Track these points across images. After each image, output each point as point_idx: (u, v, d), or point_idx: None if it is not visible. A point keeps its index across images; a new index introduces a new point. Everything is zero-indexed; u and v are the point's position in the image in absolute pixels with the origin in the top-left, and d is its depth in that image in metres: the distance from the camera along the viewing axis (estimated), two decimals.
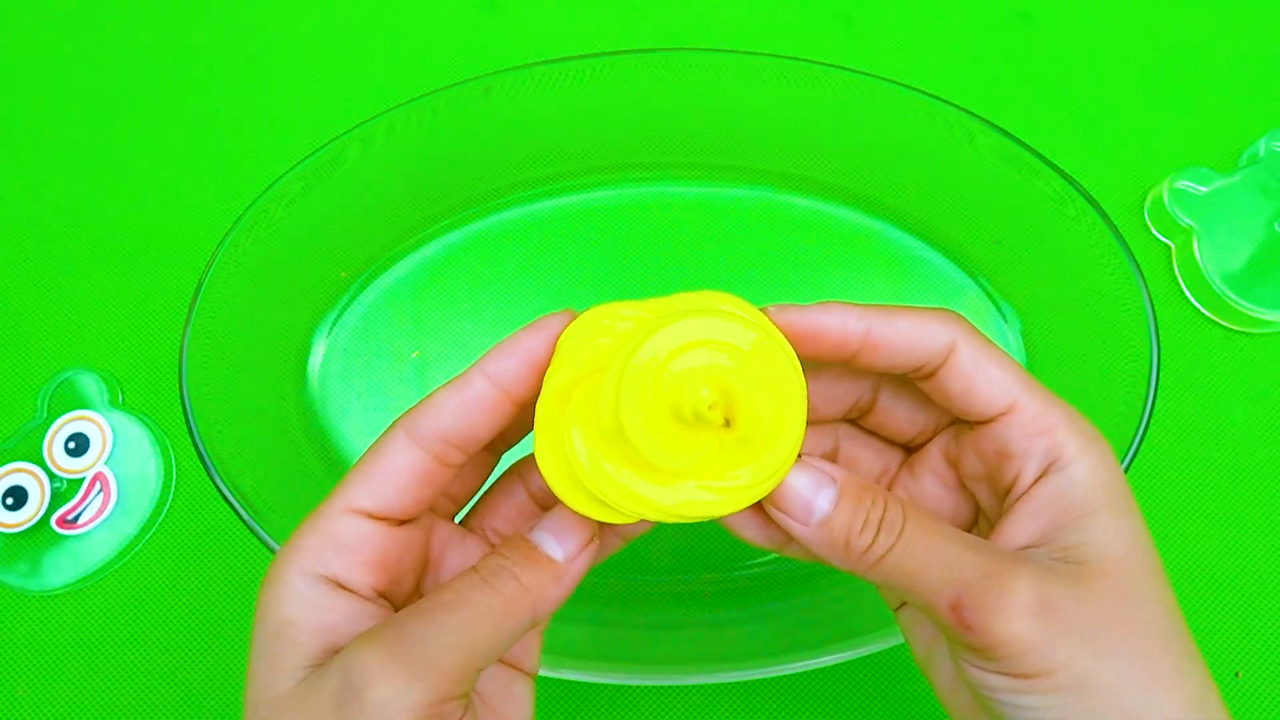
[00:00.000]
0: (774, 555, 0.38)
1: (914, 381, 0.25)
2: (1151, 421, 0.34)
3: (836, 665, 0.32)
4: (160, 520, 0.40)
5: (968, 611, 0.21)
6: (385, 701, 0.20)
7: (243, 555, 0.39)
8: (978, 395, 0.24)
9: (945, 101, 0.39)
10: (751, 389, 0.21)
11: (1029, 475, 0.24)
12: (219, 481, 0.33)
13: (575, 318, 0.23)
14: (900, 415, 0.27)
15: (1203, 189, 0.44)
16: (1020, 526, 0.24)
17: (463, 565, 0.25)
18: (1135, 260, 0.36)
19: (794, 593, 0.37)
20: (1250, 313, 0.42)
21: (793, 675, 0.36)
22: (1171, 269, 0.44)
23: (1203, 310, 0.43)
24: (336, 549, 0.22)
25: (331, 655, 0.21)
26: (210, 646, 0.38)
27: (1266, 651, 0.38)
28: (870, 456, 0.28)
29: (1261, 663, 0.37)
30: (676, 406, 0.21)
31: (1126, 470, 0.34)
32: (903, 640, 0.31)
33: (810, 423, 0.26)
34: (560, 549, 0.23)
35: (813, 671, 0.37)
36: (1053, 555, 0.23)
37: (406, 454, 0.23)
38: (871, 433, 0.28)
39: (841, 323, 0.24)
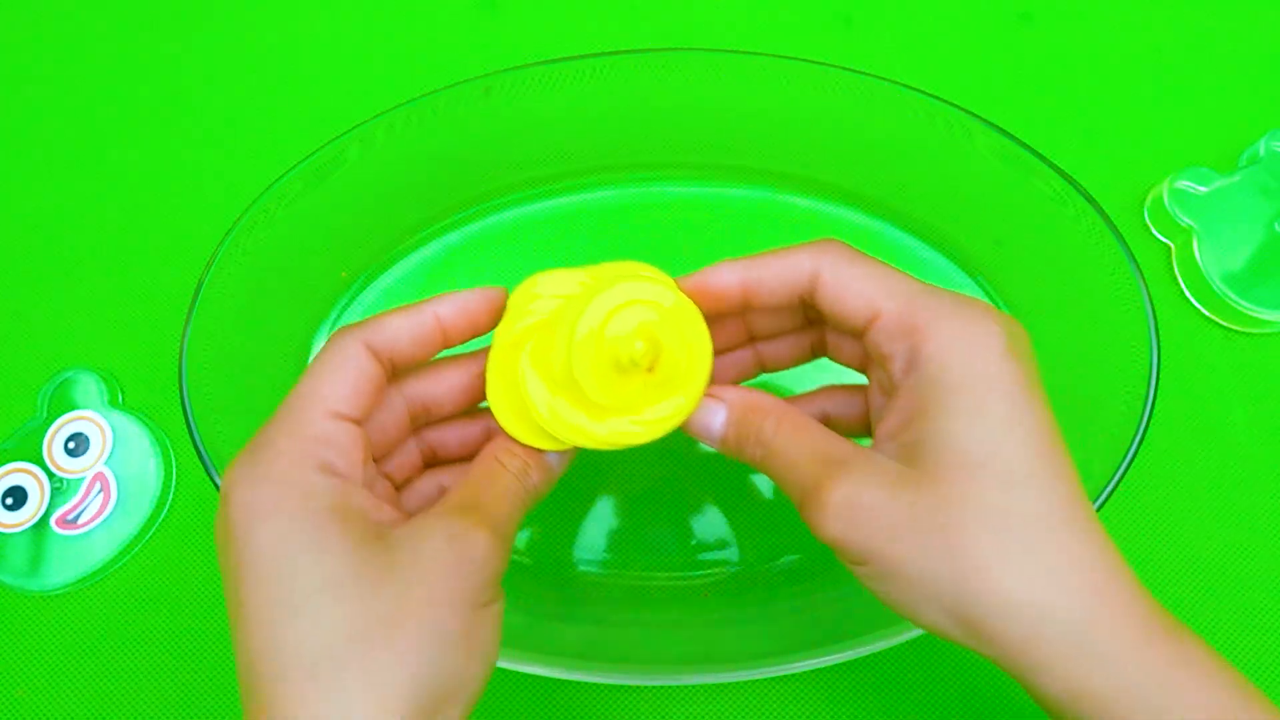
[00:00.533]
0: (774, 557, 0.38)
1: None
2: (1151, 421, 0.34)
3: (836, 665, 0.32)
4: (160, 520, 0.40)
5: (804, 511, 0.25)
6: (486, 557, 0.24)
7: None
8: (845, 311, 0.26)
9: (945, 101, 0.39)
10: (672, 340, 0.26)
11: (897, 375, 0.26)
12: (219, 481, 0.33)
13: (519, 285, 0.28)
14: (843, 346, 0.30)
15: (1203, 189, 0.44)
16: (883, 425, 0.26)
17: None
18: (1135, 260, 0.36)
19: (794, 593, 0.37)
20: (1250, 313, 0.42)
21: (793, 675, 0.36)
22: (1171, 269, 0.44)
23: (1203, 310, 0.43)
24: (335, 447, 0.25)
25: (370, 533, 0.24)
26: (210, 646, 0.38)
27: (1266, 651, 0.38)
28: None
29: (1261, 662, 0.37)
30: (616, 356, 0.26)
31: (1126, 470, 0.34)
32: (902, 640, 0.31)
33: (789, 367, 0.32)
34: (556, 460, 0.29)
35: (813, 671, 0.37)
36: (892, 452, 0.25)
37: (369, 364, 0.26)
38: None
39: (719, 277, 0.27)
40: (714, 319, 0.28)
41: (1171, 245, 0.44)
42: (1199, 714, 0.22)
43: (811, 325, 0.31)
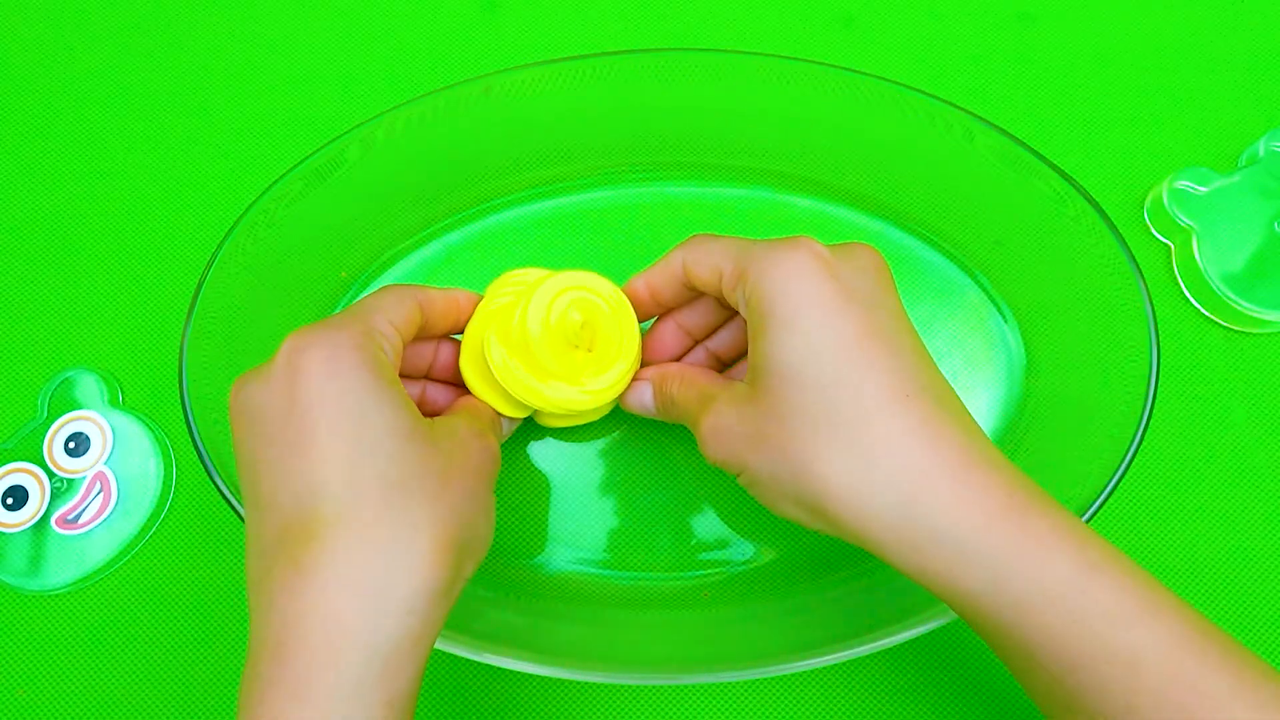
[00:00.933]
0: (772, 553, 0.38)
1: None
2: (1151, 421, 0.34)
3: (836, 665, 0.32)
4: (160, 520, 0.40)
5: (698, 444, 0.31)
6: (496, 455, 0.32)
7: (243, 555, 0.39)
8: (703, 281, 0.32)
9: (945, 101, 0.39)
10: (606, 323, 0.34)
11: (745, 316, 0.30)
12: (219, 481, 0.33)
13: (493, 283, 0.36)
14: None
15: (1203, 189, 0.44)
16: (742, 363, 0.35)
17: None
18: (1135, 260, 0.36)
19: (794, 592, 0.37)
20: (1250, 313, 0.42)
21: (793, 675, 0.36)
22: (1171, 269, 0.44)
23: (1203, 310, 0.43)
24: (389, 342, 0.29)
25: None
26: (210, 646, 0.38)
27: (1266, 651, 0.38)
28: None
29: None
30: (562, 327, 0.33)
31: (1126, 471, 0.34)
32: (902, 640, 0.31)
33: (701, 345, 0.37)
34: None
35: (813, 671, 0.37)
36: (747, 380, 0.30)
37: (416, 312, 0.32)
38: None
39: (632, 285, 0.34)
40: (660, 330, 0.36)
41: (1171, 245, 0.44)
42: (1034, 583, 0.24)
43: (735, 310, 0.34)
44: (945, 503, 0.25)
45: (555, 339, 0.33)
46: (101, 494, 0.39)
